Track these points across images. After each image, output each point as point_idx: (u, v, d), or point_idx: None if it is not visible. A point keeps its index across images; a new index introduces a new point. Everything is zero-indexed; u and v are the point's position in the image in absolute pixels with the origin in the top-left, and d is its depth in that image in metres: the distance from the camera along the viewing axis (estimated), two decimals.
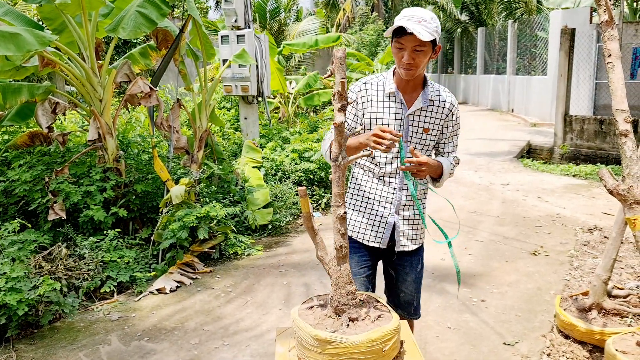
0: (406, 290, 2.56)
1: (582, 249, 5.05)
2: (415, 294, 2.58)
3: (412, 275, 2.54)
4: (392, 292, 2.63)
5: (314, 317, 2.05)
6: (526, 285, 4.27)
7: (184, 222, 4.61)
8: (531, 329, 3.55)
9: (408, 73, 2.24)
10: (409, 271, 2.53)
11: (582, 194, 7.29)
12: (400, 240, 2.44)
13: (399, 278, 2.54)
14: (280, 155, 6.83)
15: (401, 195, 2.41)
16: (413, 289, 2.56)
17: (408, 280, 2.54)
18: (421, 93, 2.34)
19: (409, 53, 2.18)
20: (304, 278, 4.51)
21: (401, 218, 2.44)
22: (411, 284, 2.55)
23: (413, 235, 2.48)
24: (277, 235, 5.78)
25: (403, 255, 2.51)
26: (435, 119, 2.38)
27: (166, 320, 3.82)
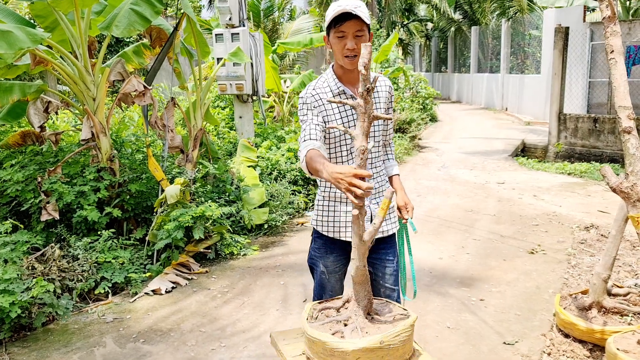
0: (387, 285, 2.52)
1: (580, 247, 5.04)
2: (395, 286, 2.55)
3: (390, 268, 2.49)
4: (374, 287, 2.59)
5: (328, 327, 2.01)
6: (525, 284, 4.25)
7: (179, 222, 4.55)
8: (531, 328, 3.53)
9: (352, 61, 2.24)
10: (387, 264, 2.49)
11: (577, 192, 7.29)
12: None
13: (379, 273, 2.50)
14: (276, 155, 6.79)
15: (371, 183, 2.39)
16: (392, 282, 2.52)
17: (387, 273, 2.49)
18: None
19: (351, 39, 2.20)
20: (301, 278, 4.47)
21: (375, 207, 2.39)
22: (390, 277, 2.51)
23: (387, 222, 2.47)
24: (273, 234, 5.73)
25: (380, 248, 2.46)
26: (382, 103, 2.42)
27: (162, 321, 3.77)
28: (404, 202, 2.47)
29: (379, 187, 2.44)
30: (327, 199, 2.46)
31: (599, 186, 7.66)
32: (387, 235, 2.48)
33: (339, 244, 2.48)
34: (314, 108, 2.35)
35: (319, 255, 2.54)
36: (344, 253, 2.48)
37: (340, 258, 2.51)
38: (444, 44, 24.44)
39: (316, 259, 2.56)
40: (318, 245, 2.55)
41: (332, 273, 2.50)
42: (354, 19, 2.15)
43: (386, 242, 2.51)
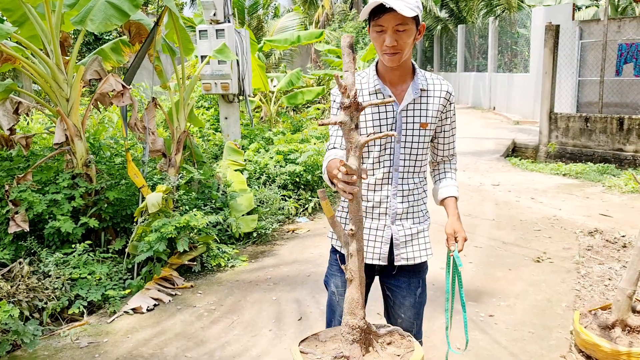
0: (404, 316, 2.24)
1: (587, 254, 4.79)
2: (415, 320, 2.26)
3: (410, 300, 2.21)
4: (390, 317, 2.30)
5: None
6: (535, 296, 3.97)
7: (161, 233, 4.19)
8: (548, 348, 3.25)
9: (393, 58, 1.96)
10: (407, 294, 2.21)
11: (575, 194, 7.08)
12: (399, 254, 2.13)
13: (396, 301, 2.23)
14: (264, 158, 6.44)
15: (396, 203, 2.09)
16: (412, 315, 2.24)
17: (406, 304, 2.22)
18: (410, 84, 2.06)
19: (390, 35, 1.91)
20: (294, 293, 4.14)
21: (400, 229, 2.11)
22: (409, 309, 2.22)
23: (414, 248, 2.16)
24: (262, 243, 5.39)
25: (401, 275, 2.19)
26: (432, 110, 2.10)
27: (143, 345, 3.41)
28: (452, 230, 2.11)
29: (409, 208, 2.13)
30: (346, 210, 2.17)
31: (596, 187, 7.45)
32: (412, 264, 2.18)
33: None
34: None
35: (331, 272, 2.27)
36: None
37: None
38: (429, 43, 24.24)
39: (329, 276, 2.30)
40: (331, 261, 2.29)
41: (342, 295, 2.22)
42: (393, 11, 1.85)
43: (412, 270, 2.20)
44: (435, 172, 2.33)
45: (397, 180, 2.11)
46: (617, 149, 9.40)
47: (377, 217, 2.13)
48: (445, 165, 2.31)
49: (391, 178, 2.11)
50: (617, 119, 9.41)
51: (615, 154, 9.35)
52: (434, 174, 2.34)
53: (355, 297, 1.77)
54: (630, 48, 10.36)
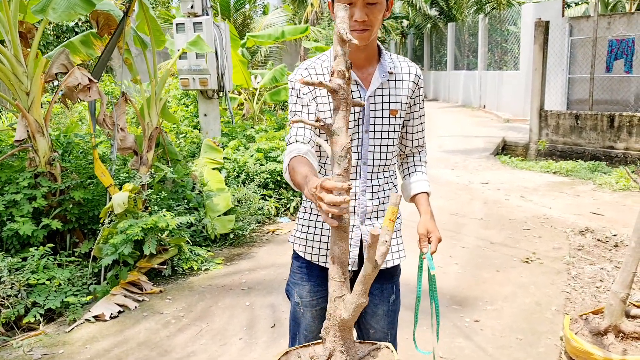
0: (376, 326, 2.00)
1: (578, 254, 4.58)
2: (389, 330, 2.02)
3: (382, 308, 1.98)
4: (361, 328, 2.07)
5: None
6: (523, 299, 3.76)
7: (127, 235, 3.93)
8: (536, 356, 3.03)
9: (362, 36, 1.72)
10: (379, 302, 1.97)
11: (566, 193, 6.88)
12: None
13: (368, 310, 1.99)
14: (244, 155, 6.19)
15: (365, 200, 1.85)
16: (385, 325, 2.00)
17: (378, 313, 1.98)
18: (377, 67, 1.83)
19: (360, 8, 1.69)
20: (269, 297, 3.90)
21: (370, 229, 1.88)
22: (382, 319, 1.99)
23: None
24: (239, 245, 5.14)
25: (373, 281, 1.94)
26: (401, 96, 1.87)
27: (101, 356, 3.16)
28: (425, 230, 1.88)
29: (379, 206, 1.90)
30: (310, 211, 1.94)
31: (587, 185, 7.27)
32: (384, 268, 1.94)
33: (318, 271, 1.95)
34: (304, 95, 1.83)
35: (294, 281, 2.02)
36: (325, 284, 1.93)
37: (320, 290, 1.96)
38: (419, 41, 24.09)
39: (291, 285, 2.04)
40: (294, 268, 2.03)
41: (307, 307, 1.98)
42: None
43: (384, 275, 1.97)
44: (403, 166, 2.10)
45: (365, 175, 1.88)
46: (608, 147, 9.25)
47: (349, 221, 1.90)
48: (414, 157, 2.08)
49: (359, 173, 1.88)
50: (607, 116, 9.25)
51: (606, 152, 9.19)
52: (402, 168, 2.11)
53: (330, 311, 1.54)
54: (620, 44, 10.21)
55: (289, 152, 1.84)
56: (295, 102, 1.87)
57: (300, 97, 1.85)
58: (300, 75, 1.86)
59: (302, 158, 1.73)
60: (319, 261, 1.92)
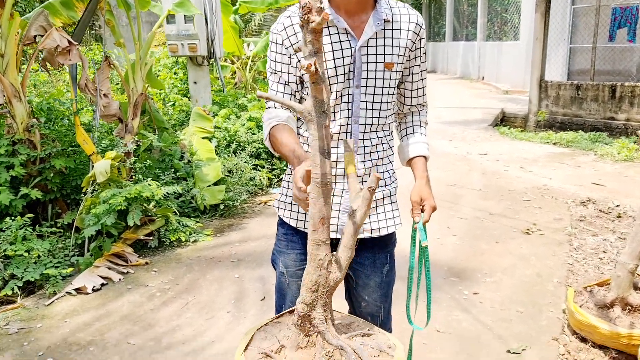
0: (369, 299, 1.83)
1: (579, 225, 4.43)
2: (382, 303, 1.85)
3: (375, 279, 1.80)
4: (352, 300, 1.90)
5: None
6: (523, 271, 3.61)
7: (109, 204, 3.75)
8: (538, 330, 2.89)
9: None
10: (372, 273, 1.80)
11: (566, 163, 6.71)
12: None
13: (359, 282, 1.82)
14: (235, 124, 5.97)
15: (356, 162, 1.69)
16: (378, 298, 1.83)
17: (370, 285, 1.81)
18: (372, 14, 1.62)
19: None
20: (259, 270, 3.74)
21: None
22: (375, 291, 1.82)
23: (379, 217, 1.76)
24: (230, 216, 4.96)
25: (364, 250, 1.77)
26: (398, 47, 1.66)
27: (81, 330, 3.00)
28: (418, 197, 1.70)
29: (371, 169, 1.72)
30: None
31: (588, 156, 7.10)
32: (377, 237, 1.77)
33: (304, 239, 1.77)
34: (286, 49, 1.65)
35: (279, 249, 1.85)
36: None
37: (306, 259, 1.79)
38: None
39: (276, 254, 1.87)
40: (279, 235, 1.86)
41: (293, 277, 1.82)
42: None
43: (377, 244, 1.79)
44: (401, 127, 1.90)
45: (357, 134, 1.68)
46: (609, 118, 9.05)
47: (332, 180, 1.71)
48: (413, 117, 1.88)
49: (350, 132, 1.68)
50: (609, 86, 9.03)
51: (607, 123, 8.99)
52: (399, 129, 1.91)
53: (304, 275, 1.38)
54: (624, 12, 9.90)
55: (267, 120, 1.69)
56: (274, 59, 1.68)
57: (281, 52, 1.66)
58: (282, 25, 1.65)
59: (283, 126, 1.62)
60: (305, 227, 1.74)
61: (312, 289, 1.36)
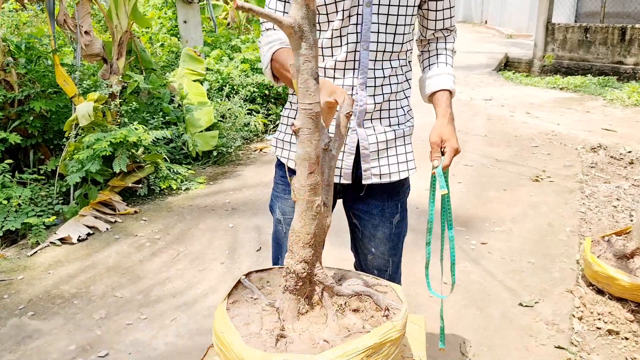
0: (376, 251, 1.63)
1: (591, 172, 4.22)
2: (390, 257, 1.65)
3: (384, 230, 1.59)
4: (358, 252, 1.70)
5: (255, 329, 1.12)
6: (534, 220, 3.42)
7: (94, 150, 3.50)
8: (551, 281, 2.72)
9: None
10: (380, 223, 1.58)
11: (574, 109, 6.45)
12: (369, 169, 1.50)
13: (366, 232, 1.61)
14: (228, 67, 5.64)
15: (364, 97, 1.44)
16: (386, 250, 1.63)
17: (378, 236, 1.60)
18: None
19: None
20: (255, 219, 3.55)
21: (370, 133, 1.48)
22: (382, 243, 1.61)
23: (390, 160, 1.53)
24: (223, 164, 4.73)
25: (373, 198, 1.55)
26: None
27: (65, 282, 2.82)
28: (438, 137, 1.46)
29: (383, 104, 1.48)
30: (297, 108, 1.52)
31: (597, 101, 6.83)
32: (387, 182, 1.54)
33: None
34: None
35: (277, 194, 1.64)
36: None
37: None
38: None
39: (274, 199, 1.66)
40: (277, 178, 1.65)
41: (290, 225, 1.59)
42: None
43: (387, 191, 1.57)
44: (423, 56, 1.63)
45: (366, 63, 1.43)
46: (617, 62, 8.71)
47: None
48: (438, 44, 1.61)
49: (358, 60, 1.43)
50: (619, 29, 8.63)
51: (615, 67, 8.66)
52: (422, 58, 1.64)
53: (295, 227, 1.15)
54: None
55: (267, 44, 1.43)
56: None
57: None
58: None
59: (288, 50, 1.37)
60: None
61: (310, 242, 1.15)
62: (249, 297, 1.24)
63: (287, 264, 1.14)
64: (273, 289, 1.26)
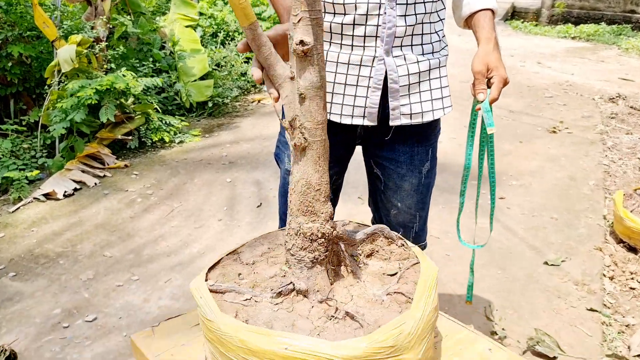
0: (401, 206, 1.39)
1: (611, 123, 3.97)
2: (418, 211, 1.42)
3: (411, 180, 1.36)
4: (379, 207, 1.47)
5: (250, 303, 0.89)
6: (554, 173, 3.19)
7: (78, 98, 3.21)
8: (577, 238, 2.51)
9: None
10: (407, 172, 1.35)
11: (588, 58, 6.13)
12: (397, 107, 1.24)
13: (390, 184, 1.37)
14: (223, 11, 5.27)
15: (393, 17, 1.17)
16: (413, 204, 1.40)
17: (404, 187, 1.36)
18: None
19: None
20: (254, 173, 3.31)
21: (400, 63, 1.22)
22: (409, 195, 1.38)
23: (422, 96, 1.28)
24: (220, 115, 4.45)
25: (400, 142, 1.31)
26: None
27: (50, 241, 2.60)
28: (484, 66, 1.20)
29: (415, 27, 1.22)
30: None
31: (611, 50, 6.50)
32: (419, 123, 1.29)
33: None
34: None
35: (284, 140, 1.40)
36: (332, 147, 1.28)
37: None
38: None
39: (281, 146, 1.42)
40: (281, 133, 1.43)
41: None
42: None
43: (417, 134, 1.33)
44: None
45: None
46: (629, 11, 8.32)
47: (360, 42, 1.20)
48: None
49: None
50: None
51: (626, 16, 8.28)
52: None
53: (312, 179, 0.91)
54: None
55: None
56: None
57: None
58: None
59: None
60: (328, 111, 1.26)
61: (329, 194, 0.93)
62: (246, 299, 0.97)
63: (310, 229, 0.90)
64: (258, 277, 0.99)
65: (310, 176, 0.90)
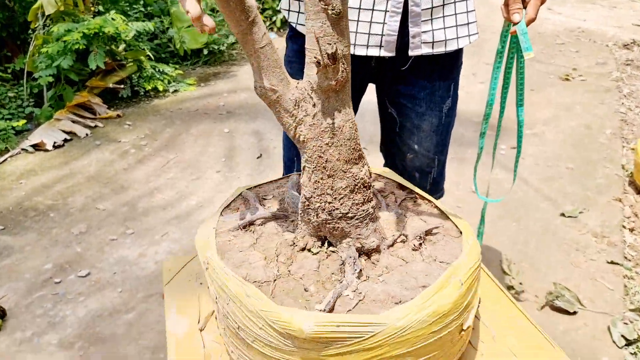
0: (419, 148, 1.26)
1: (627, 70, 3.79)
2: (436, 155, 1.29)
3: (431, 120, 1.22)
4: (394, 152, 1.33)
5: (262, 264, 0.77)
6: (568, 122, 3.04)
7: (64, 42, 3.01)
8: (595, 189, 2.39)
9: None
10: (426, 111, 1.20)
11: (599, 4, 5.86)
12: (418, 34, 1.09)
13: (406, 124, 1.23)
14: None
15: None
16: (432, 146, 1.26)
17: (423, 128, 1.22)
18: None
19: None
20: (254, 124, 3.15)
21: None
22: (428, 137, 1.24)
23: (446, 22, 1.12)
24: (216, 63, 4.24)
25: (419, 75, 1.17)
26: None
27: (40, 193, 2.47)
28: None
29: None
30: None
31: None
32: (441, 53, 1.14)
33: None
34: None
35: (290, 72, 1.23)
36: None
37: None
38: None
39: None
40: (289, 53, 1.24)
41: None
42: None
43: (439, 65, 1.17)
44: None
45: None
46: None
47: None
48: None
49: None
50: None
51: None
52: None
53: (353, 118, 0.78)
54: None
55: None
56: None
57: None
58: None
59: None
60: None
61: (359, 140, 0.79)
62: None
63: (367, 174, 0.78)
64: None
65: (352, 115, 0.76)
